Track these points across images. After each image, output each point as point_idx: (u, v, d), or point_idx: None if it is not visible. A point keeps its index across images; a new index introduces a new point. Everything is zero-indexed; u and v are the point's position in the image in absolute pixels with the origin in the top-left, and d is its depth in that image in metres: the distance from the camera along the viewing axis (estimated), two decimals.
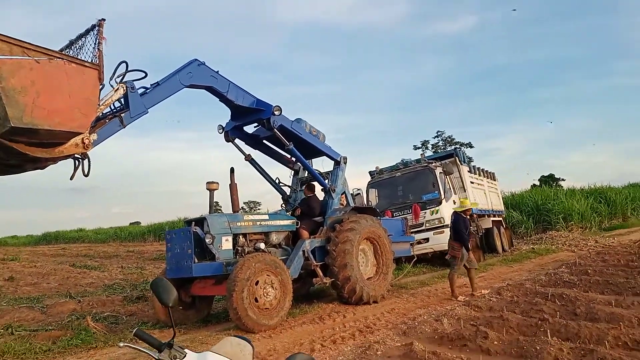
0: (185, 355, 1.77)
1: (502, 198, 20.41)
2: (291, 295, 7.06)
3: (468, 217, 8.90)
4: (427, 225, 13.41)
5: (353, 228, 8.24)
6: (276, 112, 7.87)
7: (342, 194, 9.33)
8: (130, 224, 47.60)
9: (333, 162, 9.50)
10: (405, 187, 14.43)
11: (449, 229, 9.00)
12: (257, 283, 6.58)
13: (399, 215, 13.28)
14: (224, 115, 8.44)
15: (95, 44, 5.39)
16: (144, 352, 1.79)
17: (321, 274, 7.91)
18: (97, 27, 5.41)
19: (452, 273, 8.53)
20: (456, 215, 8.76)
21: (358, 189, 13.06)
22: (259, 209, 44.57)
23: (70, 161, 5.71)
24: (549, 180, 41.24)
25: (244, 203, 47.67)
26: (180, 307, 7.37)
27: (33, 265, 17.73)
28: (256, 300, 6.55)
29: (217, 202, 7.58)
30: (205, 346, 5.35)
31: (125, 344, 1.84)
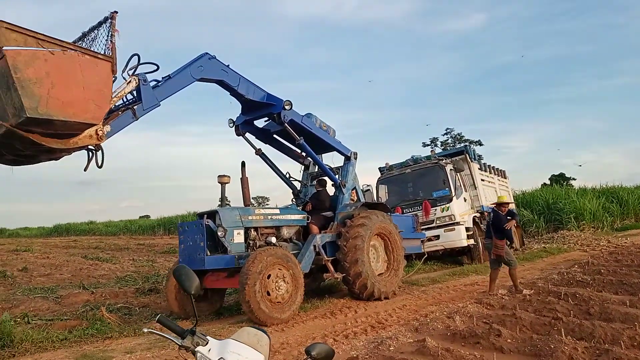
0: (207, 342, 1.77)
1: (513, 197, 20.22)
2: (303, 290, 7.06)
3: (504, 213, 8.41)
4: (437, 222, 13.30)
5: (364, 224, 8.20)
6: (287, 107, 7.84)
7: (352, 190, 9.31)
8: (140, 217, 47.83)
9: (343, 157, 9.46)
10: (416, 183, 14.35)
11: (485, 225, 8.45)
12: (269, 277, 6.59)
13: (409, 212, 13.23)
14: (235, 109, 8.46)
15: (108, 36, 5.44)
16: (168, 338, 1.79)
17: (332, 269, 7.90)
18: (109, 20, 5.45)
19: (511, 270, 8.18)
20: (495, 211, 8.39)
21: (368, 185, 12.95)
22: (267, 205, 44.65)
23: (82, 153, 5.75)
24: (559, 179, 40.84)
25: (252, 198, 47.73)
26: (197, 298, 7.39)
27: (46, 257, 17.97)
28: (268, 293, 6.56)
29: (226, 197, 7.58)
30: (219, 339, 5.37)
31: (149, 329, 1.87)
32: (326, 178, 9.30)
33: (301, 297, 7.01)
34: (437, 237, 13.10)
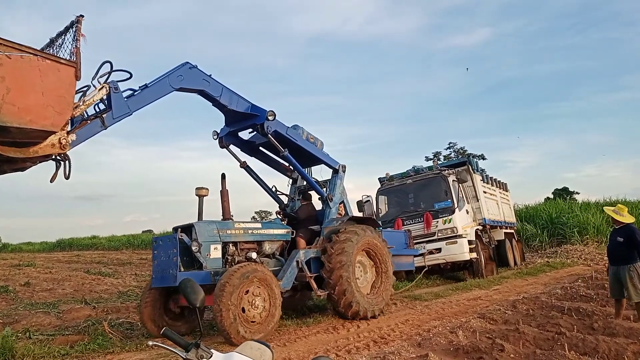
0: (211, 355, 1.82)
1: (516, 211, 19.80)
2: (279, 289, 6.68)
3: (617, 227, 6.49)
4: (439, 234, 12.94)
5: (350, 239, 7.74)
6: (270, 117, 7.52)
7: (340, 203, 8.88)
8: (143, 232, 47.36)
9: (332, 170, 9.09)
10: (417, 194, 13.96)
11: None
12: (243, 310, 6.20)
13: (410, 224, 12.89)
14: (219, 121, 8.17)
15: (73, 41, 5.19)
16: (173, 351, 1.83)
17: (315, 286, 7.49)
18: (75, 24, 5.22)
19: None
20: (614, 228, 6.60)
21: (368, 196, 12.56)
22: (270, 219, 44.22)
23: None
24: (562, 193, 40.36)
25: (255, 212, 47.18)
26: (173, 317, 7.13)
27: (48, 271, 17.99)
28: (252, 322, 6.25)
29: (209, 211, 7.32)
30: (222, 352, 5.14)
31: (154, 343, 1.88)
32: (312, 192, 8.93)
33: (279, 293, 6.65)
34: (439, 250, 12.74)
